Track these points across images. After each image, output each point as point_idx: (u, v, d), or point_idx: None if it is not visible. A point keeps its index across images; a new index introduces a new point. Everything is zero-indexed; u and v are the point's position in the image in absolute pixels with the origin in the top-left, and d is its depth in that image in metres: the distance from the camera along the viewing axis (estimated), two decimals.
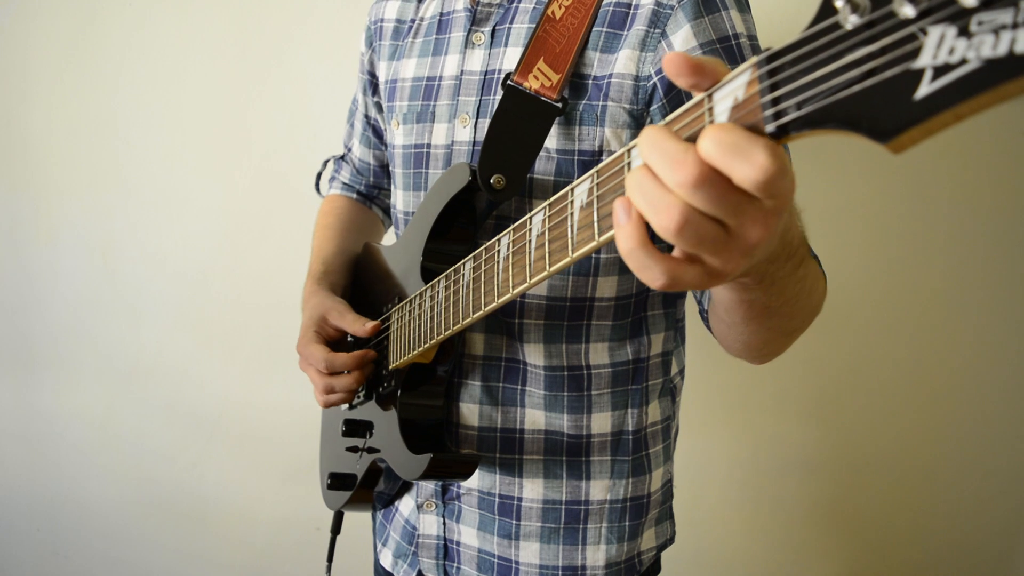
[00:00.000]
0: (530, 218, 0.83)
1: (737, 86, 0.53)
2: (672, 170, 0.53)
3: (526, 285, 0.85)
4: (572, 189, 0.74)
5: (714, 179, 0.52)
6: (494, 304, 0.93)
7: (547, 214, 0.79)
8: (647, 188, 0.56)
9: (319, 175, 1.66)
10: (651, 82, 1.06)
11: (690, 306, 1.30)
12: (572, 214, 0.74)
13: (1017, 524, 1.99)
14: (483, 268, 0.95)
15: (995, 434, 1.95)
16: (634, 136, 1.09)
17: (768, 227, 0.55)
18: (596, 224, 0.70)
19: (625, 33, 1.08)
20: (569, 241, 0.75)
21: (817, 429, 2.02)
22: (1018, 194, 1.85)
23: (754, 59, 0.51)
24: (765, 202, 0.53)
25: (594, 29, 1.10)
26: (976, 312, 1.90)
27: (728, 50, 1.05)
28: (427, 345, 1.10)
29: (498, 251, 0.91)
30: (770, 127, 0.50)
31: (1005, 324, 1.90)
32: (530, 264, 0.83)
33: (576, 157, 1.10)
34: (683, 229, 0.55)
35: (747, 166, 0.50)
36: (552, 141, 1.11)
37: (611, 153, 1.09)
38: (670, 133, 0.55)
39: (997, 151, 1.82)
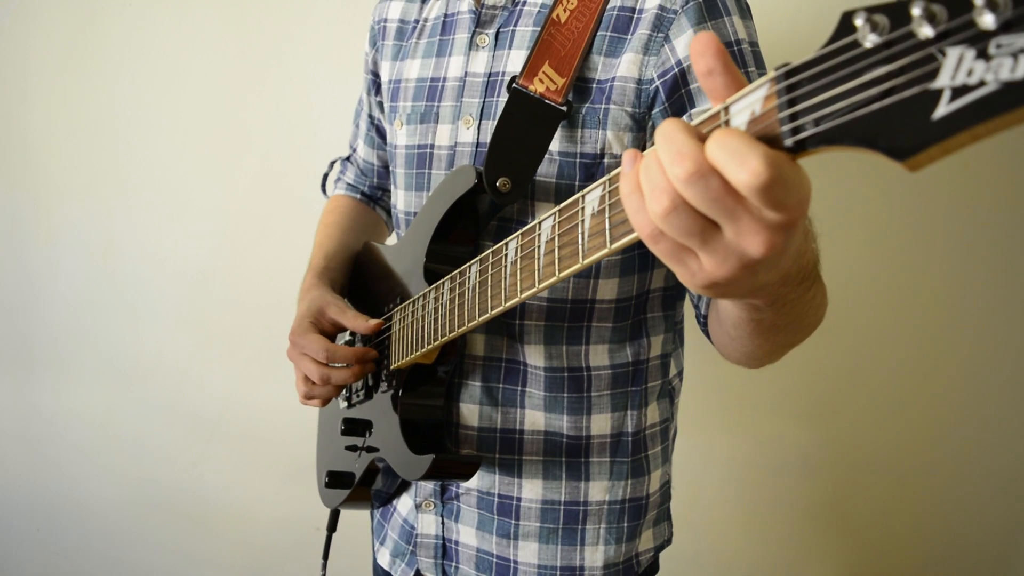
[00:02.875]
0: (539, 223, 0.84)
1: (754, 100, 0.53)
2: (671, 161, 0.55)
3: (535, 290, 0.85)
4: (583, 196, 0.75)
5: (708, 178, 0.53)
6: (501, 308, 0.93)
7: (557, 220, 0.80)
8: (651, 170, 0.58)
9: (325, 176, 1.66)
10: (653, 86, 1.07)
11: (689, 308, 1.31)
12: (583, 221, 0.74)
13: (1017, 524, 1.99)
14: (490, 271, 0.96)
15: (995, 434, 1.95)
16: (635, 139, 1.10)
17: (771, 243, 0.55)
18: (608, 232, 0.70)
19: (629, 37, 1.08)
20: (580, 248, 0.75)
21: (816, 430, 2.02)
22: (1018, 194, 1.86)
23: (772, 74, 0.52)
24: (765, 213, 0.54)
25: (598, 33, 1.10)
26: (976, 312, 1.91)
27: (730, 55, 1.06)
28: (431, 346, 1.10)
29: (505, 255, 0.92)
30: (788, 142, 0.50)
31: (1005, 324, 1.91)
32: (539, 269, 0.84)
33: (578, 160, 1.11)
34: (669, 216, 0.56)
35: (741, 170, 0.51)
36: (554, 143, 1.11)
37: (612, 156, 1.09)
38: (684, 126, 0.56)
39: (997, 151, 1.82)
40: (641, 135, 1.10)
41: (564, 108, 1.08)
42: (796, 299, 0.77)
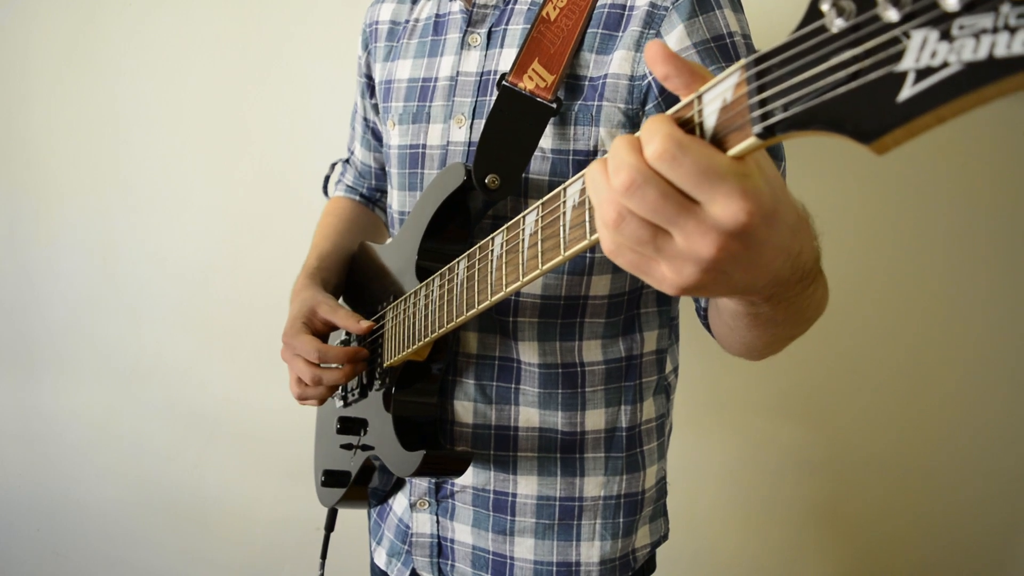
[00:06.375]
0: (523, 217, 0.84)
1: (726, 88, 0.54)
2: (613, 174, 0.58)
3: (519, 283, 0.86)
4: (564, 189, 0.75)
5: (645, 188, 0.56)
6: (487, 302, 0.94)
7: (540, 214, 0.80)
8: (597, 184, 0.60)
9: (327, 178, 1.67)
10: (645, 82, 1.07)
11: (685, 305, 1.31)
12: (564, 213, 0.75)
13: (1017, 525, 1.98)
14: (477, 267, 0.96)
15: (994, 435, 1.94)
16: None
17: (720, 245, 0.56)
18: (588, 223, 0.70)
19: (620, 34, 1.09)
20: (561, 240, 0.75)
21: (814, 429, 2.02)
22: (1018, 194, 1.85)
23: (742, 61, 0.52)
24: (709, 210, 0.55)
25: (589, 31, 1.10)
26: (975, 313, 1.90)
27: (722, 48, 1.06)
28: (421, 343, 1.11)
29: (491, 250, 0.92)
30: (757, 128, 0.51)
31: (1004, 324, 1.90)
32: (523, 263, 0.84)
33: (571, 157, 1.11)
34: (619, 224, 0.59)
35: (647, 145, 0.56)
36: (547, 141, 1.12)
37: (605, 152, 1.10)
38: (627, 141, 0.58)
39: (997, 150, 1.82)
40: (634, 132, 1.10)
41: (553, 105, 1.09)
42: (795, 296, 0.77)
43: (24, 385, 2.46)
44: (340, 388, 1.39)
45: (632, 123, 1.10)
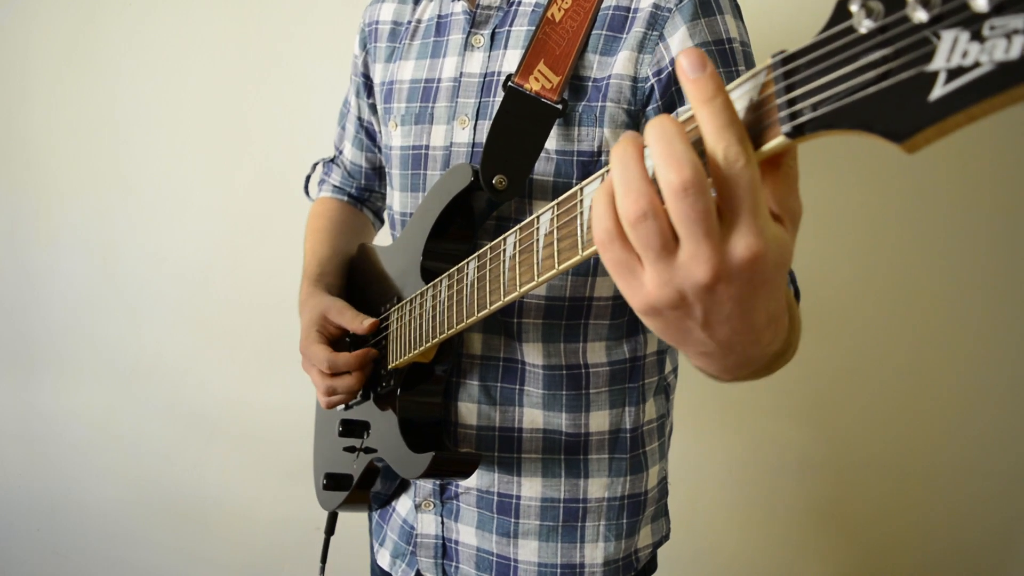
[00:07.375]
0: (537, 217, 0.84)
1: (752, 87, 0.54)
2: (667, 166, 0.53)
3: (534, 283, 0.85)
4: (582, 188, 0.75)
5: (707, 193, 0.52)
6: (500, 303, 0.93)
7: (555, 213, 0.80)
8: (631, 169, 0.57)
9: (308, 178, 1.66)
10: (648, 83, 1.07)
11: None
12: (582, 213, 0.74)
13: (1017, 525, 1.99)
14: (488, 267, 0.96)
15: (994, 435, 1.95)
16: None
17: (716, 272, 0.55)
18: None
19: (624, 36, 1.09)
20: (579, 240, 0.75)
21: (814, 429, 2.02)
22: (1018, 194, 1.86)
23: (769, 60, 0.52)
24: (735, 241, 0.54)
25: (593, 32, 1.11)
26: (975, 313, 1.91)
27: (722, 53, 1.07)
28: (429, 344, 1.10)
29: (504, 250, 0.92)
30: (786, 127, 0.51)
31: (1004, 325, 1.91)
32: (538, 263, 0.84)
33: (575, 157, 1.11)
34: (639, 224, 0.56)
35: (730, 149, 0.52)
36: (552, 142, 1.11)
37: (609, 154, 1.10)
38: (681, 131, 0.54)
39: (997, 151, 1.82)
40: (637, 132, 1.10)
41: (559, 106, 1.09)
42: (749, 374, 0.77)
43: (24, 385, 2.45)
44: None
45: (635, 124, 1.10)
